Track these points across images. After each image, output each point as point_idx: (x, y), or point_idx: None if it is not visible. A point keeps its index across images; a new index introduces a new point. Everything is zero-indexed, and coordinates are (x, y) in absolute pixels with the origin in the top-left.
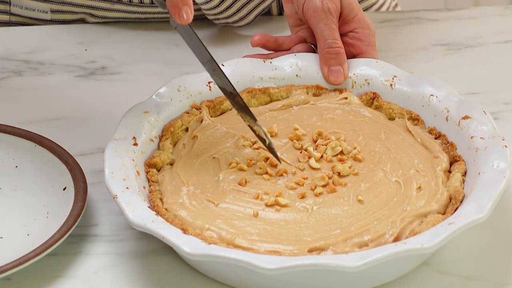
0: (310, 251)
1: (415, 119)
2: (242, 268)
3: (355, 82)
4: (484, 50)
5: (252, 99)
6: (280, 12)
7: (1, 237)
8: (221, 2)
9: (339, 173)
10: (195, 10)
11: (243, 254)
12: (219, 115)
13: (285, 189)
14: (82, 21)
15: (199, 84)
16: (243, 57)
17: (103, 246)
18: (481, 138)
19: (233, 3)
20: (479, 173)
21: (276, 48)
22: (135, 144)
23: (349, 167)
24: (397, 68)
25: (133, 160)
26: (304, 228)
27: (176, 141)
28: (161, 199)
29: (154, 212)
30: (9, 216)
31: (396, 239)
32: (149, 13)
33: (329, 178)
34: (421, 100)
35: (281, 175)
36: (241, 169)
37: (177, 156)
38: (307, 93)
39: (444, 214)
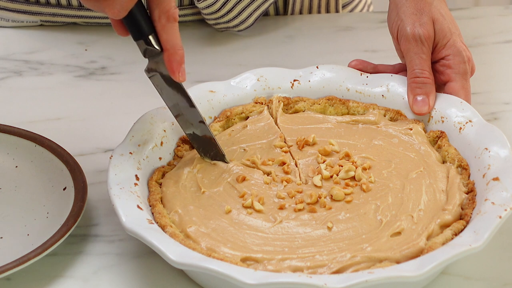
0: (243, 260)
1: (464, 168)
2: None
3: (432, 116)
4: (484, 50)
5: (330, 107)
6: (277, 12)
7: (1, 237)
8: (222, 6)
9: (331, 196)
10: (193, 14)
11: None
12: (290, 113)
13: (273, 196)
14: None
15: (281, 80)
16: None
17: (103, 246)
18: (492, 203)
19: (234, 7)
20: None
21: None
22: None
23: (346, 194)
24: (478, 114)
25: (173, 123)
26: (259, 238)
27: (230, 126)
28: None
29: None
30: (9, 216)
31: (335, 273)
32: None
33: (319, 197)
34: (476, 151)
35: (281, 181)
36: (253, 163)
37: (217, 139)
38: (384, 116)
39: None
